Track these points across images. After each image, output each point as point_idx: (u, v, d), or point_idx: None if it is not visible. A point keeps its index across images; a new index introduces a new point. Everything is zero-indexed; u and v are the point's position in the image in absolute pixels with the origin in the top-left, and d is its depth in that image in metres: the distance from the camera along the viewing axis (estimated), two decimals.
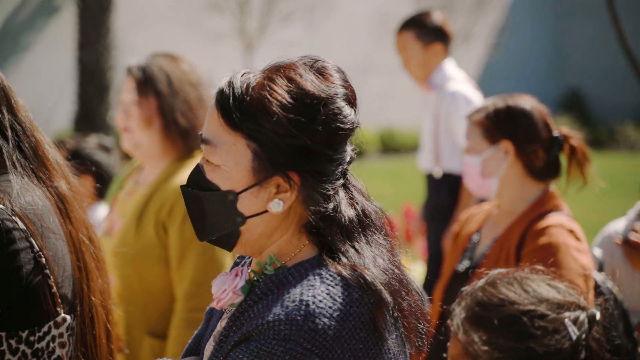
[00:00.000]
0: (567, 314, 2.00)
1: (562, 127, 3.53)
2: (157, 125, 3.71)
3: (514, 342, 1.97)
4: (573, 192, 3.47)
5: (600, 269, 3.47)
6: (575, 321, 1.99)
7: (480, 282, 2.08)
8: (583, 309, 2.02)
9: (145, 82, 3.71)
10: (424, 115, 6.19)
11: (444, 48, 6.03)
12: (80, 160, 4.95)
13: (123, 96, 3.77)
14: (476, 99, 5.84)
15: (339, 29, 20.30)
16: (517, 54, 23.68)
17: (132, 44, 15.95)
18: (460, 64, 21.77)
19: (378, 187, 12.91)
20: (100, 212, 5.03)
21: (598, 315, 2.00)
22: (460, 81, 5.97)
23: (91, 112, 14.58)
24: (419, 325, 2.06)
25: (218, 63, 13.49)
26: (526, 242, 3.41)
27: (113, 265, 3.69)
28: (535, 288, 2.04)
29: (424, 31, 5.96)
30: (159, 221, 3.59)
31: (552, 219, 3.41)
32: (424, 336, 2.07)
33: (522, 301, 2.01)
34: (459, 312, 2.06)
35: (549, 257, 3.26)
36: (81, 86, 15.00)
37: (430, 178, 6.04)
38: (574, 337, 1.96)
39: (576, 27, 24.54)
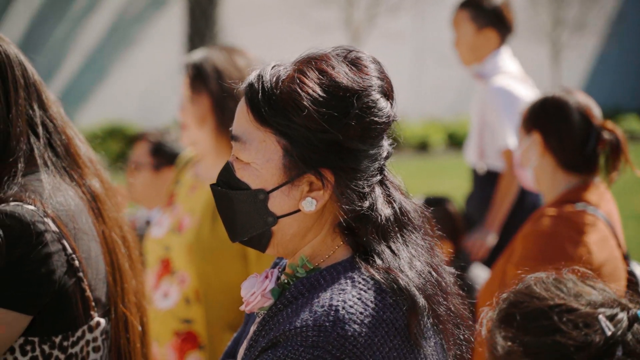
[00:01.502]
0: (602, 309, 1.86)
1: (606, 122, 3.42)
2: (211, 124, 3.65)
3: (540, 336, 1.85)
4: None
5: None
6: (611, 318, 1.85)
7: (516, 287, 1.97)
8: (624, 308, 1.88)
9: (198, 80, 3.65)
10: (472, 105, 5.98)
11: (499, 35, 5.68)
12: (162, 153, 4.98)
13: (182, 92, 3.72)
14: (524, 96, 5.51)
15: (447, 20, 20.08)
16: (633, 45, 23.06)
17: (239, 37, 16.03)
18: (572, 54, 21.25)
19: None
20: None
21: None
22: (509, 75, 5.65)
23: None
24: (458, 331, 1.95)
25: None
26: (522, 229, 3.43)
27: (189, 262, 3.65)
28: (571, 286, 1.92)
29: (480, 14, 5.66)
30: None
31: (557, 208, 3.37)
32: (464, 343, 1.95)
33: (552, 297, 1.89)
34: (486, 314, 1.96)
35: (533, 245, 3.28)
36: None
37: (475, 173, 5.84)
38: (608, 333, 1.82)
39: None
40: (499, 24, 5.71)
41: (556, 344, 1.84)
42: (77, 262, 2.24)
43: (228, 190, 1.94)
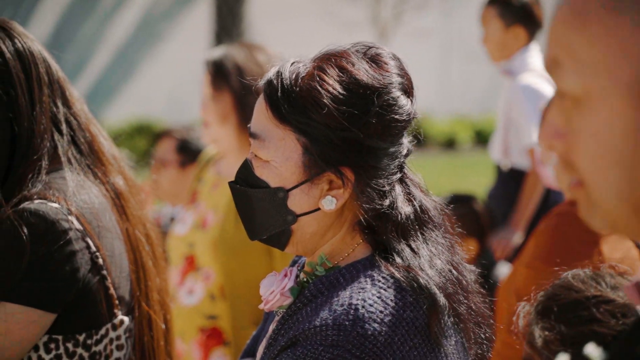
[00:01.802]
0: None
1: None
2: (233, 121, 3.65)
3: (578, 326, 1.84)
4: None
5: None
6: None
7: (555, 282, 1.97)
8: None
9: (219, 78, 3.65)
10: (500, 102, 5.94)
11: (527, 32, 5.62)
12: (188, 151, 4.97)
13: (203, 90, 3.72)
14: (550, 94, 5.46)
15: (475, 16, 20.00)
16: None
17: (265, 34, 16.05)
18: None
19: None
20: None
21: None
22: (537, 73, 5.57)
23: None
24: (479, 330, 1.93)
25: None
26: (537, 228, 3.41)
27: (214, 258, 3.65)
28: (608, 280, 1.91)
29: (508, 11, 5.60)
30: None
31: (572, 207, 3.32)
32: (485, 342, 1.94)
33: (589, 288, 1.88)
34: (523, 308, 1.95)
35: (544, 244, 3.24)
36: None
37: (499, 169, 5.80)
38: None
39: None
40: (527, 21, 5.65)
41: (594, 333, 1.83)
42: (100, 260, 2.24)
43: (247, 188, 1.93)
